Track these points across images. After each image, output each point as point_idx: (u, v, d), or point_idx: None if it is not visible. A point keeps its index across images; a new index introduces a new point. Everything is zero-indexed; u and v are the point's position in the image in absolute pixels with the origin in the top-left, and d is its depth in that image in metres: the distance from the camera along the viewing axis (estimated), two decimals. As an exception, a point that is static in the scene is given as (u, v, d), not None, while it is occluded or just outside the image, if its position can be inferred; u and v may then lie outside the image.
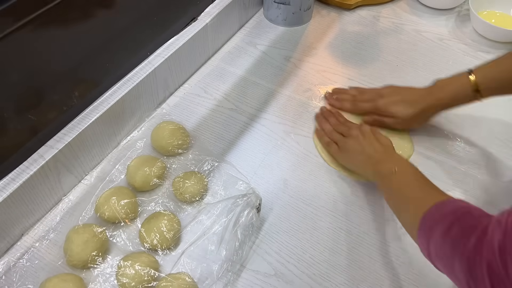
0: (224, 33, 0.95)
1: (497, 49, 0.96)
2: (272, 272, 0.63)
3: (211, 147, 0.77)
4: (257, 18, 1.03)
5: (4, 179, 0.61)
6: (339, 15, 1.05)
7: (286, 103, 0.85)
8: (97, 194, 0.68)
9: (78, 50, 0.67)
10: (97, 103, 0.71)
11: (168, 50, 0.80)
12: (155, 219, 0.64)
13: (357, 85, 0.88)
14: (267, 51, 0.95)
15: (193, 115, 0.82)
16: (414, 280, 0.62)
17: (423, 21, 1.03)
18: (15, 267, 0.61)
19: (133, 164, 0.70)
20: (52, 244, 0.64)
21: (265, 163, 0.75)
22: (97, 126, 0.70)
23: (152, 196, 0.69)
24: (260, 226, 0.67)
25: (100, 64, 0.72)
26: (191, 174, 0.70)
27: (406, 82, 0.88)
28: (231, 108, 0.84)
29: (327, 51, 0.96)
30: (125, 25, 0.73)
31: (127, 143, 0.77)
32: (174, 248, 0.64)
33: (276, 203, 0.70)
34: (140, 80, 0.75)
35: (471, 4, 0.97)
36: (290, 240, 0.66)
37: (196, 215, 0.68)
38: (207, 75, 0.90)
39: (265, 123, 0.81)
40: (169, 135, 0.73)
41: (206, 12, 0.88)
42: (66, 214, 0.68)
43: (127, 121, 0.76)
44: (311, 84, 0.89)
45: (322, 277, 0.62)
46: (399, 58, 0.94)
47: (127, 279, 0.57)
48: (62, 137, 0.66)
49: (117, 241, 0.64)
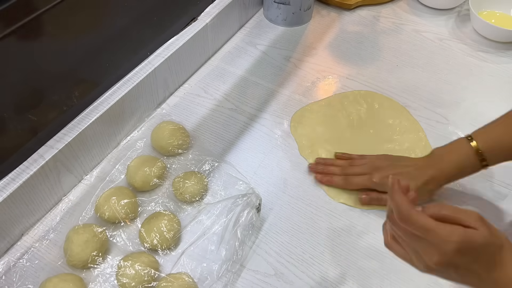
0: (224, 33, 0.95)
1: (497, 49, 0.96)
2: (272, 272, 0.63)
3: (211, 147, 0.77)
4: (257, 18, 1.03)
5: (4, 179, 0.61)
6: (339, 15, 1.05)
7: (286, 103, 0.85)
8: (97, 194, 0.68)
9: (78, 50, 0.67)
10: (97, 103, 0.71)
11: (168, 50, 0.80)
12: (155, 219, 0.64)
13: (357, 85, 0.88)
14: (267, 51, 0.95)
15: (193, 115, 0.82)
16: (414, 280, 0.62)
17: (423, 21, 1.03)
18: (15, 267, 0.61)
19: (133, 164, 0.70)
20: (52, 244, 0.64)
21: (265, 163, 0.75)
22: (97, 126, 0.70)
23: (152, 196, 0.69)
24: (260, 226, 0.67)
25: (100, 64, 0.72)
26: (191, 174, 0.70)
27: (406, 82, 0.89)
28: (231, 108, 0.84)
29: (327, 51, 0.96)
30: (125, 25, 0.73)
31: (127, 143, 0.77)
32: (174, 248, 0.64)
33: (276, 203, 0.70)
34: (140, 80, 0.75)
35: (471, 4, 0.97)
36: (290, 240, 0.66)
37: (196, 215, 0.68)
38: (207, 75, 0.90)
39: (265, 123, 0.81)
40: (169, 135, 0.73)
41: (206, 12, 0.88)
42: (66, 214, 0.68)
43: (127, 121, 0.76)
44: (311, 84, 0.89)
45: (322, 277, 0.62)
46: (399, 58, 0.94)
47: (127, 279, 0.57)
48: (62, 137, 0.66)
49: (117, 241, 0.64)
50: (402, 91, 0.87)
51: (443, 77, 0.90)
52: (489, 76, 0.90)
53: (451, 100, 0.85)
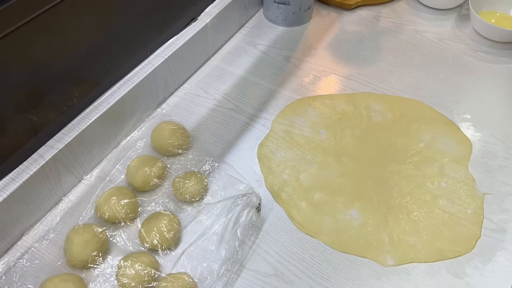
0: (224, 33, 0.95)
1: (497, 49, 0.96)
2: (272, 272, 0.63)
3: (211, 147, 0.77)
4: (257, 18, 1.03)
5: (4, 179, 0.61)
6: (339, 15, 1.05)
7: (286, 103, 0.84)
8: (97, 194, 0.68)
9: (78, 50, 0.67)
10: (97, 103, 0.71)
11: (168, 50, 0.80)
12: (155, 219, 0.64)
13: (357, 85, 0.88)
14: (267, 51, 0.95)
15: (193, 115, 0.82)
16: (414, 280, 0.62)
17: (423, 21, 1.03)
18: (15, 267, 0.61)
19: (133, 164, 0.70)
20: (52, 244, 0.64)
21: (265, 163, 0.75)
22: (97, 126, 0.70)
23: (152, 196, 0.69)
24: (260, 226, 0.67)
25: (100, 64, 0.72)
26: (191, 174, 0.70)
27: (406, 82, 0.89)
28: (231, 108, 0.84)
29: (327, 51, 0.96)
30: (125, 25, 0.73)
31: (127, 143, 0.77)
32: (174, 248, 0.64)
33: (276, 203, 0.70)
34: (140, 80, 0.75)
35: (471, 4, 0.97)
36: (290, 240, 0.66)
37: (196, 215, 0.68)
38: (207, 75, 0.90)
39: (265, 123, 0.81)
40: (169, 135, 0.73)
41: (206, 12, 0.88)
42: (66, 214, 0.68)
43: (127, 121, 0.76)
44: (312, 84, 0.89)
45: (322, 277, 0.62)
46: (399, 58, 0.94)
47: (127, 279, 0.57)
48: (62, 137, 0.66)
49: (117, 241, 0.64)
50: (402, 91, 0.87)
51: (443, 77, 0.90)
52: (489, 76, 0.90)
53: (451, 100, 0.85)
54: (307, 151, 0.76)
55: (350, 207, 0.69)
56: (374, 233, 0.66)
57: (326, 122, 0.80)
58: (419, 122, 0.80)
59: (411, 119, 0.81)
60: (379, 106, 0.83)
